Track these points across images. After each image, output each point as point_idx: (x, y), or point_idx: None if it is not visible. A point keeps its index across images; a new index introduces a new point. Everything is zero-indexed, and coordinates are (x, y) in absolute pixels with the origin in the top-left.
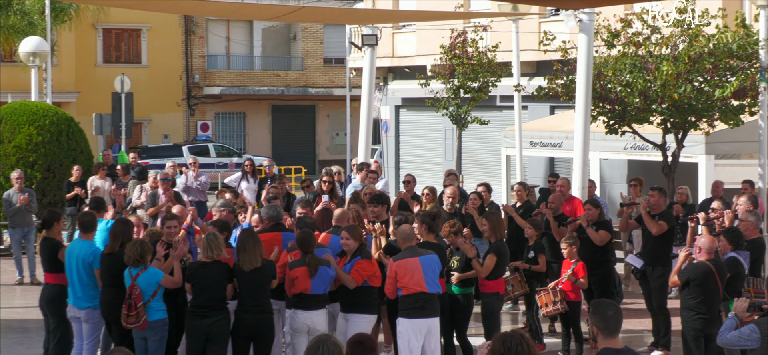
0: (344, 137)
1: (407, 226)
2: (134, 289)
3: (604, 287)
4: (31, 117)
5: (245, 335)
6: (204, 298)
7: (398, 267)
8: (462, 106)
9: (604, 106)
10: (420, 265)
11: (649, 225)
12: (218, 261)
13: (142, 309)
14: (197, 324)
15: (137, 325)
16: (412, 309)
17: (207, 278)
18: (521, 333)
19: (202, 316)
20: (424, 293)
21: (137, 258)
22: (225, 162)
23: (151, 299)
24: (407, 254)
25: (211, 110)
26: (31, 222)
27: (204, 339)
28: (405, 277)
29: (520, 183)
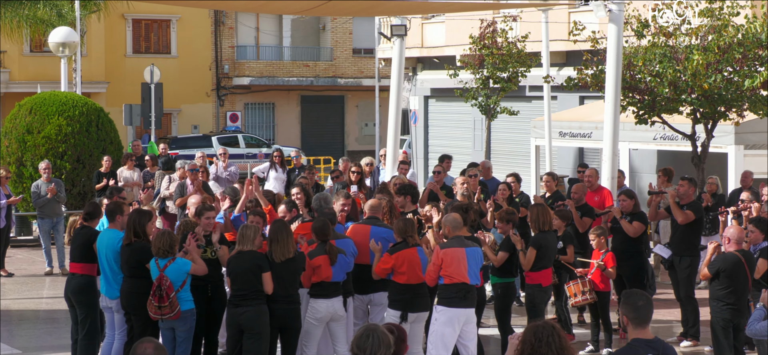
0: (373, 128)
1: (456, 214)
2: (164, 280)
3: (636, 278)
4: (60, 108)
5: (274, 325)
6: (237, 287)
7: (445, 255)
8: (491, 97)
9: (634, 97)
10: (465, 256)
11: (675, 214)
12: (253, 251)
13: (175, 299)
14: (232, 313)
15: (171, 315)
16: (454, 298)
17: (238, 268)
18: (552, 324)
19: (235, 305)
20: (467, 284)
21: (166, 249)
22: (254, 152)
23: (182, 289)
24: (455, 243)
25: (241, 101)
26: (60, 213)
27: (238, 329)
28: (451, 266)
29: (549, 173)
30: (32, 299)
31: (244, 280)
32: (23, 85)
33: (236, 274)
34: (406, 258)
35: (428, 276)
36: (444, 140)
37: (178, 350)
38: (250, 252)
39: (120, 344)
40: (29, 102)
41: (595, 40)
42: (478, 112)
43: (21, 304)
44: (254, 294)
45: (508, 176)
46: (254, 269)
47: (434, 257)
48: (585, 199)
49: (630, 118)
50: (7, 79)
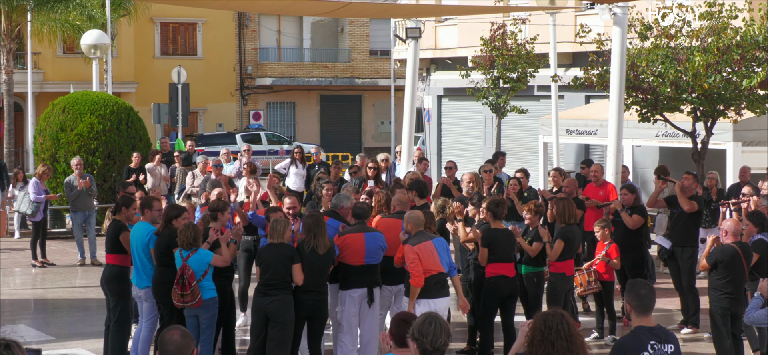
0: (389, 126)
1: (418, 212)
2: (186, 269)
3: (637, 269)
4: (92, 106)
5: (302, 315)
6: (267, 277)
7: (419, 251)
8: (501, 96)
9: (637, 96)
10: (434, 247)
11: (682, 202)
12: (284, 243)
13: (196, 287)
14: (258, 301)
15: (193, 303)
16: (433, 289)
17: (271, 259)
18: (562, 312)
19: (263, 294)
20: (442, 274)
21: (190, 242)
22: (276, 149)
23: (203, 278)
24: (421, 238)
25: (263, 100)
26: (92, 206)
27: (264, 317)
28: (427, 259)
29: (557, 169)
30: (65, 288)
31: (275, 271)
32: (57, 85)
33: (268, 265)
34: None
35: (417, 277)
36: (456, 138)
37: (201, 336)
38: (280, 244)
39: (147, 332)
40: (62, 101)
41: (600, 42)
42: (489, 110)
43: (55, 293)
44: (283, 284)
45: (517, 172)
46: (286, 260)
47: (410, 254)
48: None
49: (633, 117)
50: (41, 80)
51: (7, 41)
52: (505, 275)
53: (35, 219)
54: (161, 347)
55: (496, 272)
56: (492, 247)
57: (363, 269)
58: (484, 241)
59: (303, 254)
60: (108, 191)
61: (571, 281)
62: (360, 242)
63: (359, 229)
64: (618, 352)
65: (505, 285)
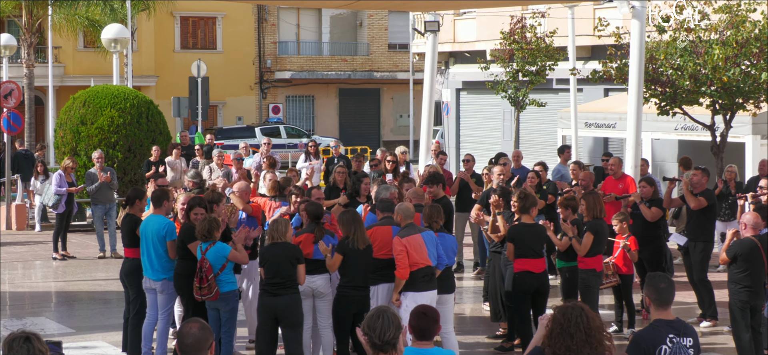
0: (407, 119)
1: (409, 204)
2: (204, 262)
3: (655, 261)
4: (112, 100)
5: (353, 312)
6: (273, 276)
7: (408, 243)
8: (520, 89)
9: (656, 89)
10: (423, 240)
11: (688, 200)
12: (287, 243)
13: (213, 281)
14: (266, 301)
15: (210, 296)
16: (420, 282)
17: (276, 257)
18: (581, 305)
19: (271, 293)
20: (430, 267)
21: (205, 234)
22: (295, 143)
23: (221, 272)
24: (410, 230)
25: (282, 94)
26: (113, 199)
27: (272, 317)
28: (415, 252)
29: (576, 162)
30: (86, 281)
31: (282, 269)
32: (77, 79)
33: (272, 263)
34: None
35: (402, 269)
36: (475, 131)
37: (222, 328)
38: (283, 243)
39: (163, 324)
40: (83, 95)
41: (618, 35)
42: (508, 104)
43: (75, 286)
44: (291, 283)
45: (536, 165)
46: (292, 259)
47: (398, 246)
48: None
49: (652, 110)
50: (62, 74)
51: (28, 35)
52: (531, 270)
53: (58, 211)
54: (180, 339)
55: (522, 268)
56: (517, 242)
57: (391, 263)
58: (509, 235)
59: (346, 250)
60: (128, 185)
61: (601, 276)
62: (388, 235)
63: (387, 222)
64: (636, 345)
65: (531, 280)
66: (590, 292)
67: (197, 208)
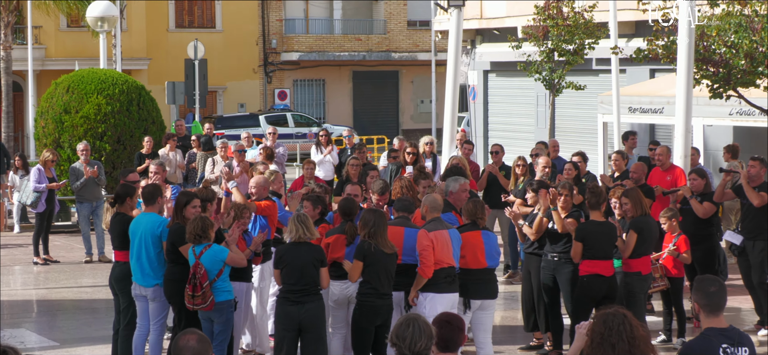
0: (429, 105)
1: (437, 195)
2: (198, 268)
3: (707, 263)
4: (99, 86)
5: (379, 323)
6: (293, 282)
7: (435, 238)
8: (556, 71)
9: (708, 69)
10: (449, 239)
11: (750, 196)
12: (309, 244)
13: (208, 289)
14: (288, 311)
15: (204, 306)
16: (442, 283)
17: (297, 260)
18: (624, 312)
19: (294, 302)
20: (453, 268)
21: (198, 234)
22: (304, 132)
23: (217, 279)
24: (437, 225)
25: (289, 77)
26: (100, 196)
27: (296, 327)
28: (440, 250)
29: (618, 152)
30: (71, 288)
31: (304, 274)
32: (60, 62)
33: (294, 267)
34: (469, 241)
35: (427, 267)
36: (505, 118)
37: (214, 341)
38: (306, 244)
39: (156, 335)
40: (66, 80)
41: (666, 9)
42: (542, 87)
43: (59, 293)
44: (315, 290)
45: (574, 155)
46: (315, 262)
47: (424, 240)
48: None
49: (704, 93)
50: (42, 56)
51: (5, 14)
52: (602, 273)
53: (38, 211)
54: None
55: (591, 270)
56: (588, 242)
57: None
58: (579, 234)
59: (367, 254)
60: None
61: (649, 280)
62: (399, 237)
63: (401, 222)
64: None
65: (601, 285)
66: (635, 297)
67: (194, 201)
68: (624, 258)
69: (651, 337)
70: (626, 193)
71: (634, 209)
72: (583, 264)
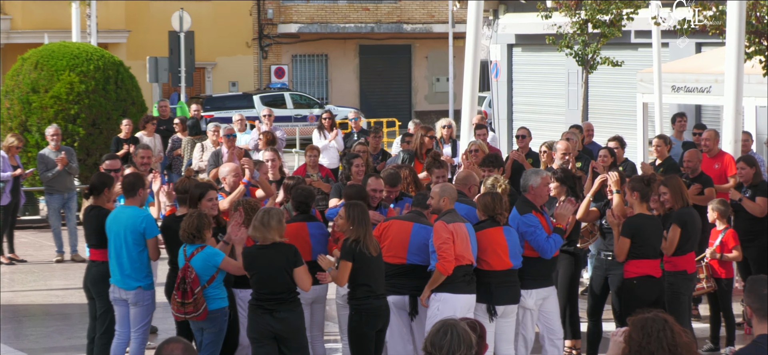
0: (446, 83)
1: (451, 185)
2: (189, 272)
3: (763, 261)
4: (72, 61)
5: (380, 327)
6: (267, 290)
7: (454, 230)
8: (590, 44)
9: (761, 43)
10: (468, 233)
11: None
12: (279, 243)
13: (200, 296)
14: (262, 321)
15: (196, 315)
16: (461, 283)
17: (265, 267)
18: (665, 317)
19: (268, 310)
20: (472, 266)
21: (193, 232)
22: (304, 114)
23: (209, 285)
24: (455, 217)
25: (288, 52)
26: (73, 187)
27: (272, 338)
28: (461, 244)
29: (660, 136)
30: (40, 291)
31: (276, 280)
32: (27, 34)
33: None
34: (489, 239)
35: (447, 262)
36: (532, 98)
37: (202, 353)
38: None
39: (137, 345)
40: (34, 55)
41: None
42: (574, 63)
43: (27, 297)
44: (290, 296)
45: (610, 140)
46: (287, 265)
47: (443, 232)
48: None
49: (757, 69)
50: (8, 28)
51: None
52: (654, 274)
53: (1, 203)
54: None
55: (641, 272)
56: (637, 238)
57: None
58: (628, 229)
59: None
60: (92, 168)
61: (694, 279)
62: (405, 233)
63: (412, 217)
64: None
65: (652, 287)
66: (679, 300)
67: (210, 193)
68: (667, 255)
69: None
70: (665, 181)
71: (673, 200)
72: (631, 264)
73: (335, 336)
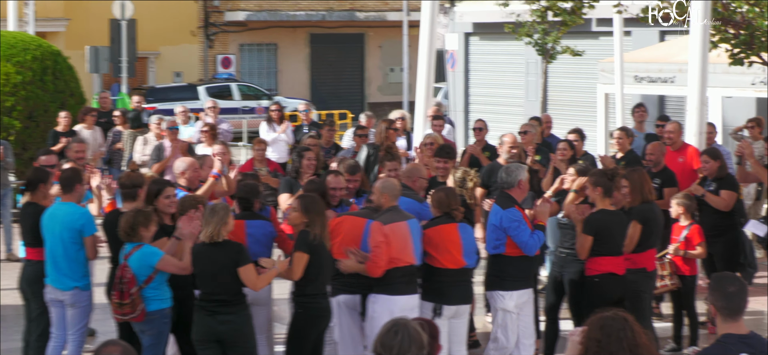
0: (400, 74)
1: (395, 181)
2: (125, 271)
3: (729, 257)
4: (8, 51)
5: (323, 327)
6: (209, 289)
7: (390, 232)
8: (550, 33)
9: (727, 31)
10: (409, 230)
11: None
12: (226, 241)
13: (137, 296)
14: (206, 323)
15: (133, 316)
16: (398, 284)
17: (209, 266)
18: (625, 316)
19: (211, 312)
20: (414, 266)
21: (128, 231)
22: (252, 106)
23: (146, 285)
24: (395, 216)
25: (235, 41)
26: (7, 183)
27: (215, 341)
28: (397, 245)
29: (622, 129)
30: None
31: (222, 282)
32: None
33: (207, 273)
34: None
35: (377, 264)
36: (489, 89)
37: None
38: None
39: (74, 348)
40: None
41: None
42: (533, 52)
43: None
44: (236, 297)
45: (570, 133)
46: (231, 264)
47: (377, 235)
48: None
49: (722, 59)
50: None
51: None
52: (616, 272)
53: None
54: None
55: (606, 269)
56: (601, 235)
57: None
58: (590, 227)
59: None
60: (29, 163)
61: (655, 277)
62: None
63: (365, 214)
64: None
65: (616, 286)
66: (639, 298)
67: (167, 191)
68: (626, 252)
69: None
70: (626, 175)
71: (634, 195)
72: (593, 262)
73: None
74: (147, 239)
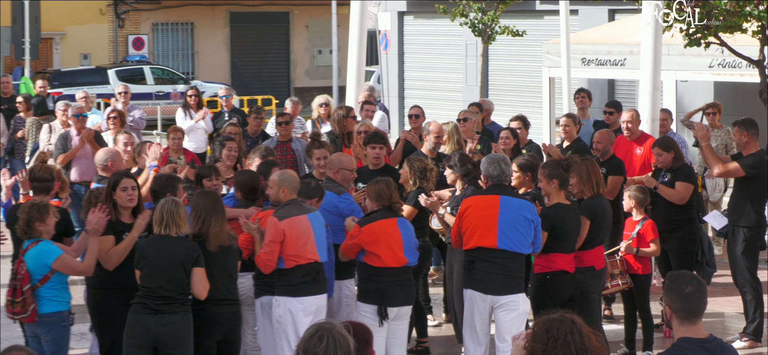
0: (329, 56)
1: (294, 172)
2: (21, 267)
3: (685, 254)
4: None
5: (217, 337)
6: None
7: (287, 228)
8: (488, 12)
9: (682, 9)
10: (310, 225)
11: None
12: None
13: (29, 296)
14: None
15: (24, 316)
16: (301, 284)
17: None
18: (572, 318)
19: (153, 311)
20: (318, 263)
21: (24, 227)
22: (167, 91)
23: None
24: (294, 210)
25: (147, 20)
26: None
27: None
28: (296, 242)
29: (569, 115)
30: None
31: (169, 277)
32: None
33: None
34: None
35: (265, 262)
36: (426, 73)
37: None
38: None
39: None
40: None
41: None
42: (471, 33)
43: None
44: (182, 299)
45: (513, 120)
46: (186, 261)
47: (271, 231)
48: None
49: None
50: None
51: None
52: (568, 269)
53: None
54: None
55: (556, 266)
56: (557, 230)
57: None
58: (547, 222)
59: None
60: None
61: (604, 276)
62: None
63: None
64: None
65: (567, 284)
66: (588, 299)
67: (124, 182)
68: None
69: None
70: (575, 166)
71: (581, 188)
72: (544, 258)
73: None
74: (46, 235)
